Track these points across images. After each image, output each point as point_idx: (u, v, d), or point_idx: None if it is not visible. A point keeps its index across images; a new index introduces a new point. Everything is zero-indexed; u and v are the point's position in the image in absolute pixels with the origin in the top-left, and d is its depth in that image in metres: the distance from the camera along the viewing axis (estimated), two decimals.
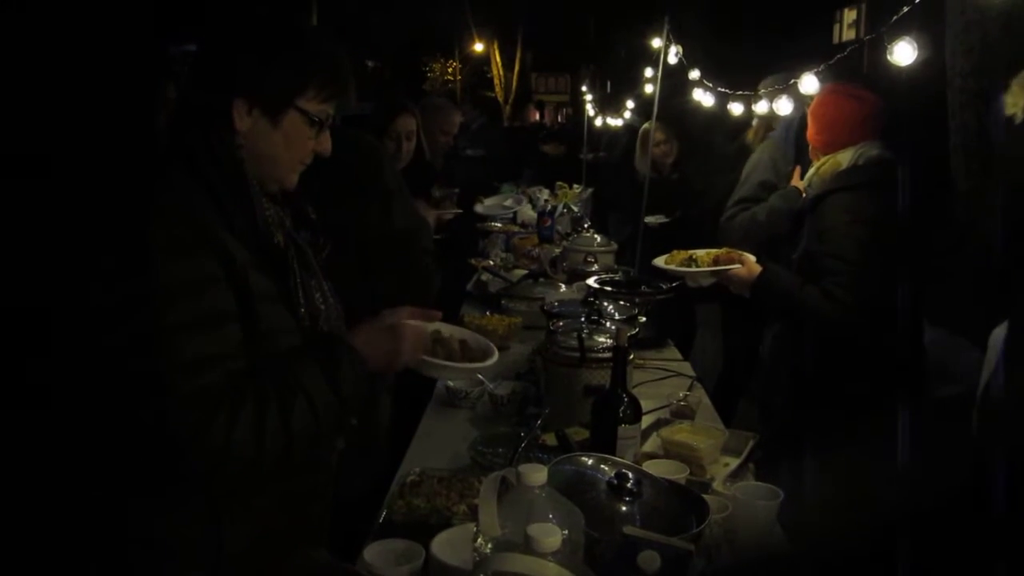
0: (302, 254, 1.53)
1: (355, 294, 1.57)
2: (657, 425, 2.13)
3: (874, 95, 2.57)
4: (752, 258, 2.60)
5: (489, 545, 1.14)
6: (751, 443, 2.05)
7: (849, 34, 7.55)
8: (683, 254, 2.71)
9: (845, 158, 2.51)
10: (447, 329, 1.66)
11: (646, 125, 5.16)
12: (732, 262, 2.59)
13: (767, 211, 3.26)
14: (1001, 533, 1.31)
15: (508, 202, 4.76)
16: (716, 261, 2.62)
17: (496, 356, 1.66)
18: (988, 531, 1.34)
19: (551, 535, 1.06)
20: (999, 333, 1.73)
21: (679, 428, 2.07)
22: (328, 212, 1.60)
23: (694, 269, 2.64)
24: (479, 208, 4.52)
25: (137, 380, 1.29)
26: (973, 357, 1.88)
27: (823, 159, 2.58)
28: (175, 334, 1.28)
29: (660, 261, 2.75)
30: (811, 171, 2.63)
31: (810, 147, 2.67)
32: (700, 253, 2.69)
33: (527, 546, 1.06)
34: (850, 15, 7.60)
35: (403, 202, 2.66)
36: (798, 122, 3.23)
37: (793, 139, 3.36)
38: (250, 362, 1.34)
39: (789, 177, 3.27)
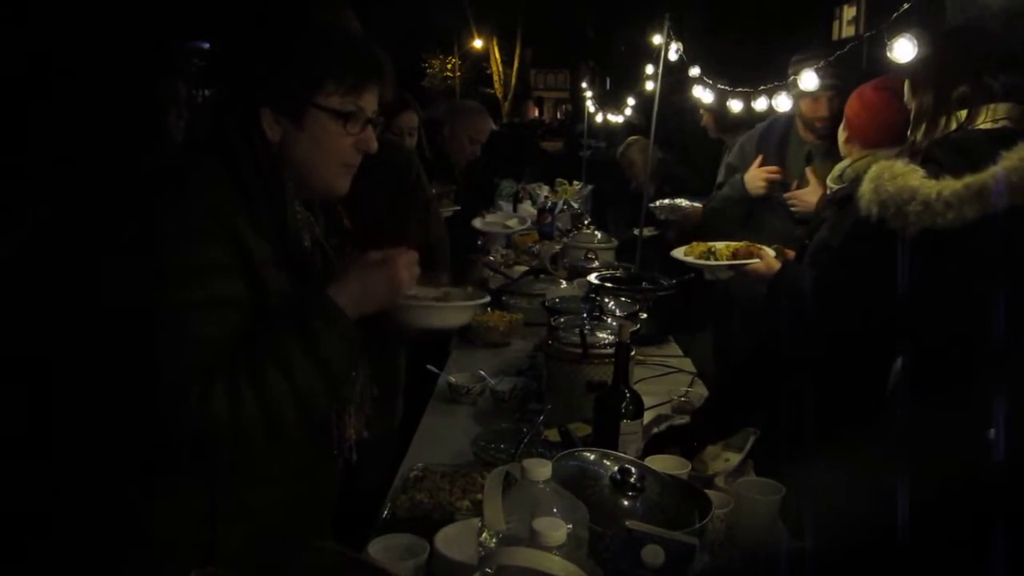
0: (327, 259, 1.54)
1: None
2: (659, 421, 2.14)
3: None
4: (771, 253, 2.59)
5: (494, 539, 1.15)
6: (752, 438, 2.05)
7: (848, 31, 7.53)
8: (702, 246, 2.70)
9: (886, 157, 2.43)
10: (423, 291, 1.64)
11: (621, 147, 5.21)
12: (751, 256, 2.57)
13: (719, 199, 3.37)
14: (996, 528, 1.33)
15: (512, 221, 4.69)
16: (735, 255, 2.61)
17: (488, 297, 1.66)
18: (987, 523, 1.35)
19: (557, 529, 1.07)
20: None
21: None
22: (379, 221, 1.56)
23: (712, 263, 2.64)
24: (478, 224, 4.42)
25: (131, 352, 1.30)
26: None
27: (862, 154, 2.47)
28: (173, 312, 1.29)
29: (679, 252, 2.75)
30: (845, 163, 2.52)
31: (845, 136, 2.55)
32: (719, 246, 2.68)
33: (532, 540, 1.07)
34: (849, 12, 7.59)
35: (438, 209, 2.67)
36: (783, 121, 3.26)
37: (763, 131, 3.37)
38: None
39: (748, 165, 3.30)
